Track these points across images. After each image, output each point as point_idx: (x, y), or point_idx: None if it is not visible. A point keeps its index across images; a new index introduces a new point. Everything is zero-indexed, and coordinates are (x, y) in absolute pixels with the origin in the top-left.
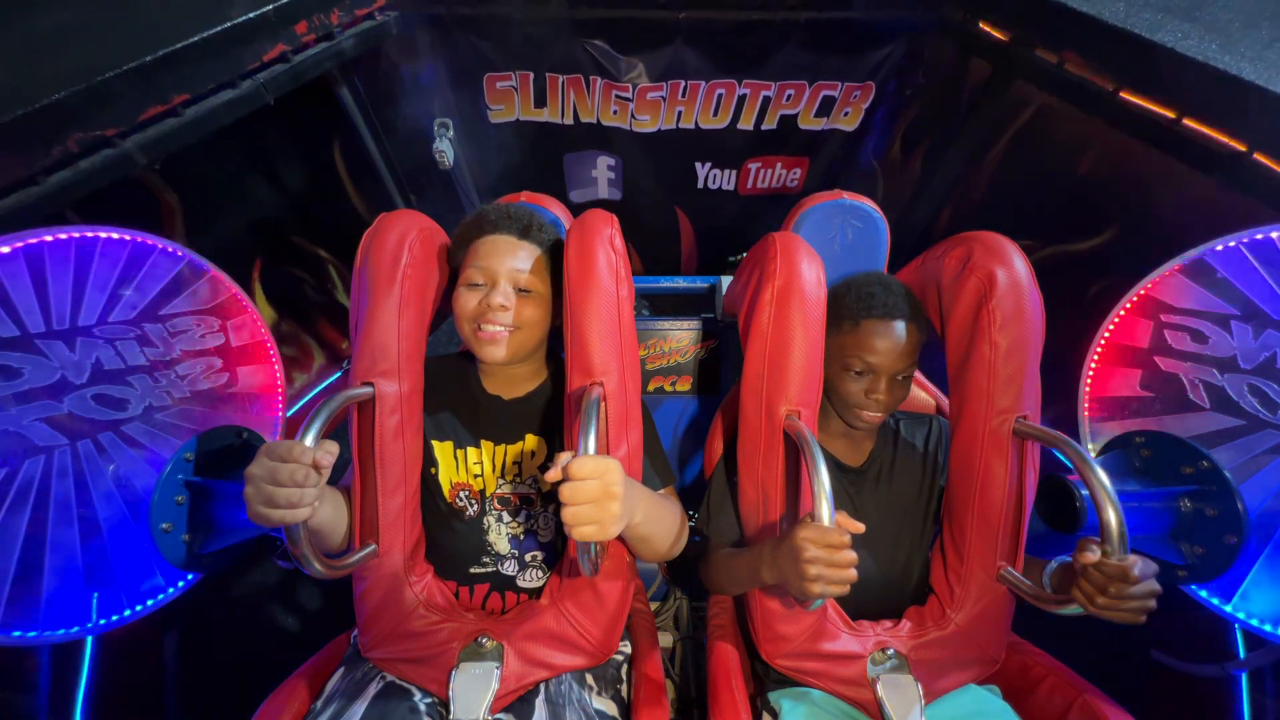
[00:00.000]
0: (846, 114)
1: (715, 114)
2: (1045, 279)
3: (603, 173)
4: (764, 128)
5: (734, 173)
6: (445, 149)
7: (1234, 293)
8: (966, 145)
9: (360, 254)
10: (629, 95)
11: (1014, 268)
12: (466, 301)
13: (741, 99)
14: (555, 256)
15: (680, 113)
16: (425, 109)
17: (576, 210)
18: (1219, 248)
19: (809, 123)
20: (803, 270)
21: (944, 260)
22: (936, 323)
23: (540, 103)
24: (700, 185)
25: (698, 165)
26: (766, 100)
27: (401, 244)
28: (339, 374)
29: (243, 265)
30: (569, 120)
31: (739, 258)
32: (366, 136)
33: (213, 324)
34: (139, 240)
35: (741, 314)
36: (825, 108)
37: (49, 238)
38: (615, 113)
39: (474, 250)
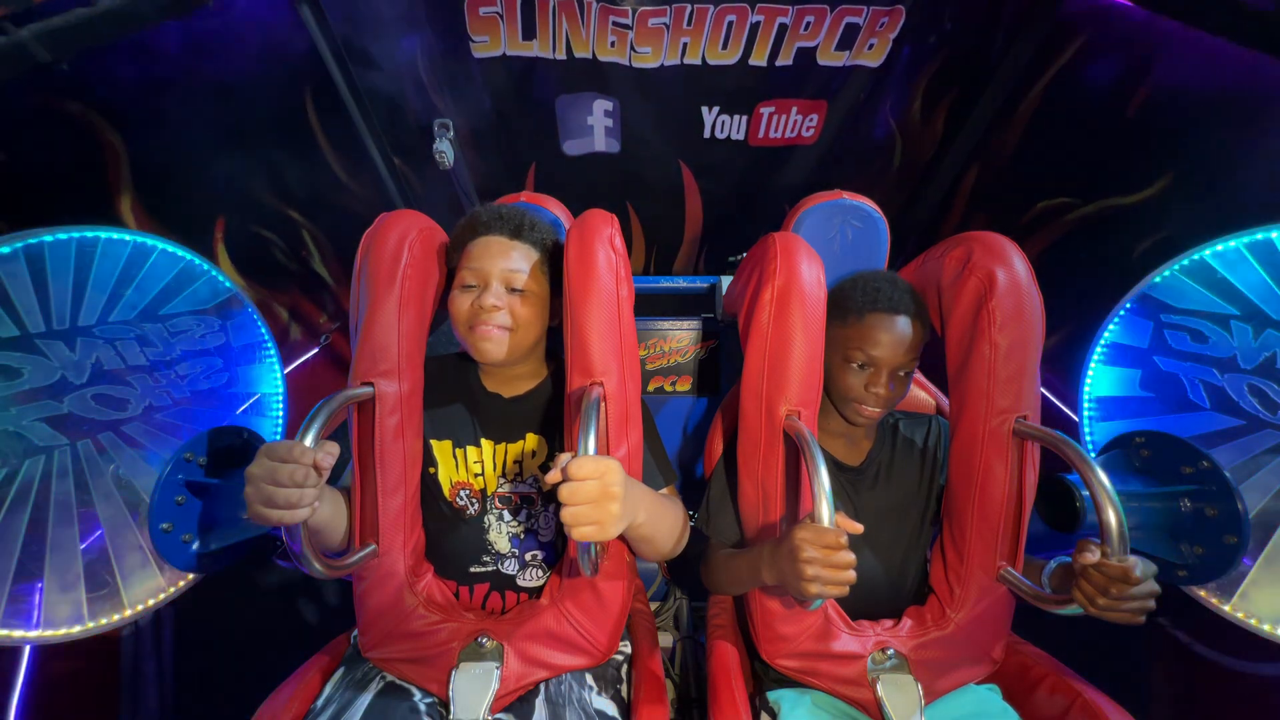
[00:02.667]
0: (871, 46)
1: (725, 46)
2: (1087, 238)
3: (599, 119)
4: (779, 63)
5: (744, 119)
6: (445, 149)
7: (1234, 293)
8: (997, 95)
9: (360, 254)
10: (628, 22)
11: (1014, 268)
12: (460, 303)
13: (754, 28)
14: (554, 256)
15: (685, 45)
16: (403, 42)
17: (573, 165)
18: (1219, 248)
19: (829, 58)
20: (803, 270)
21: (944, 260)
22: (936, 323)
23: (529, 33)
24: (707, 134)
25: (704, 110)
26: (783, 29)
27: (401, 244)
28: (316, 350)
29: (203, 223)
30: (561, 55)
31: (739, 258)
32: (337, 75)
33: (213, 324)
34: (139, 240)
35: (741, 314)
36: (848, 39)
37: (49, 238)
38: (613, 44)
39: (467, 253)
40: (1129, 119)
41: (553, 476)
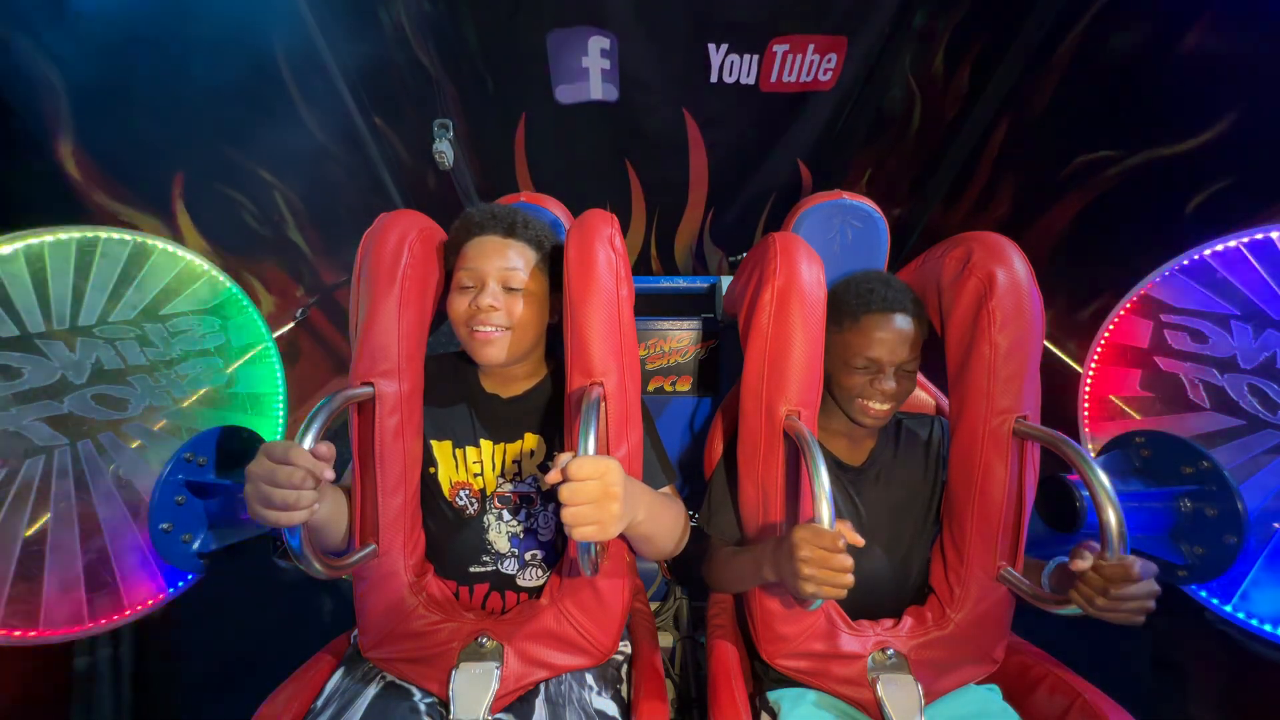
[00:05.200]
0: None
1: None
2: (1131, 194)
3: (595, 60)
4: None
5: (756, 59)
6: (445, 149)
7: (1234, 293)
8: (1029, 42)
9: (360, 254)
10: None
11: (1014, 268)
12: (459, 305)
13: None
14: (552, 255)
15: None
16: None
17: (566, 115)
18: (1219, 248)
19: None
20: (803, 270)
21: (944, 261)
22: (936, 323)
23: None
24: (714, 78)
25: (711, 49)
26: None
27: (401, 244)
28: (291, 325)
29: (159, 178)
30: None
31: (739, 258)
32: (310, 21)
33: (213, 324)
34: (139, 240)
35: (741, 314)
36: None
37: (49, 238)
38: None
39: (463, 254)
40: (1182, 55)
41: (553, 476)
